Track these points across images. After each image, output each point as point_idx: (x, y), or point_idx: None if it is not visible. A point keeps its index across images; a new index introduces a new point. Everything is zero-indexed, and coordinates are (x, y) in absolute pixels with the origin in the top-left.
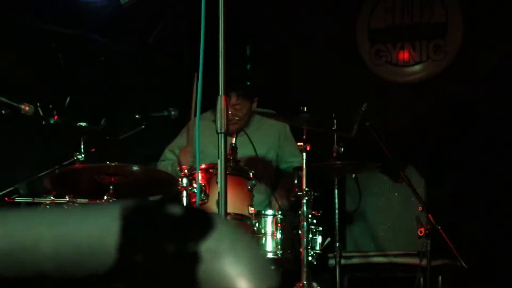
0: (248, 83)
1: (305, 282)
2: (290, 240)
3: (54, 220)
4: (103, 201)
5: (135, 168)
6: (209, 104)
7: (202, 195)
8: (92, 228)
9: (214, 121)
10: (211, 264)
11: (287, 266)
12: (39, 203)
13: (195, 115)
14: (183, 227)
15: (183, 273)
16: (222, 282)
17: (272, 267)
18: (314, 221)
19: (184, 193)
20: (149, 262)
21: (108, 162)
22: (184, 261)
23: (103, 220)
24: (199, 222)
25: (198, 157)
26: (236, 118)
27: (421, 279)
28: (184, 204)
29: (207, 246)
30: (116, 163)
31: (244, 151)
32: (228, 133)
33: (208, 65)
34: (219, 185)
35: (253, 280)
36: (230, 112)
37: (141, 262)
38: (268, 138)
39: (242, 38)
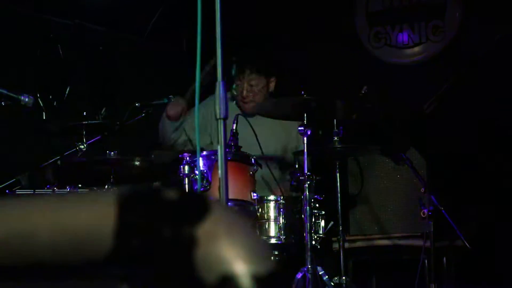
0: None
1: (309, 266)
2: (293, 225)
3: (50, 208)
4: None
5: (136, 162)
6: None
7: (204, 182)
8: (88, 215)
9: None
10: (207, 247)
11: (290, 251)
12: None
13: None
14: (179, 211)
15: (180, 257)
16: (219, 265)
17: (269, 250)
18: (317, 205)
19: (186, 180)
20: (146, 246)
21: (108, 152)
22: (181, 245)
23: (99, 206)
24: (195, 206)
25: (198, 145)
26: (250, 94)
27: (425, 261)
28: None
29: (204, 230)
30: (116, 153)
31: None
32: (246, 113)
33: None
34: (219, 171)
35: (250, 263)
36: (244, 89)
37: (138, 247)
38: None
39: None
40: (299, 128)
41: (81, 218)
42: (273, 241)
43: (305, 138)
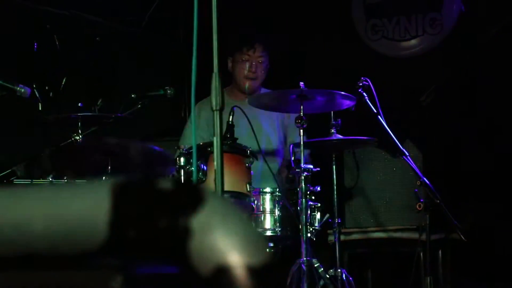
0: None
1: (305, 259)
2: (289, 217)
3: (45, 198)
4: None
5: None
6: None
7: (200, 174)
8: (83, 205)
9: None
10: (202, 238)
11: (286, 243)
12: (38, 185)
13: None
14: (174, 202)
15: (175, 248)
16: (214, 256)
17: (264, 241)
18: (313, 197)
19: (182, 172)
20: (141, 237)
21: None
22: (176, 235)
23: (94, 196)
24: (190, 196)
25: (194, 136)
26: (259, 70)
27: (421, 254)
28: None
29: (198, 220)
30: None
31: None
32: (248, 91)
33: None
34: (215, 163)
35: (245, 253)
36: (253, 64)
37: (133, 238)
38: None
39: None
40: (296, 119)
41: (75, 208)
42: (268, 233)
43: (301, 130)
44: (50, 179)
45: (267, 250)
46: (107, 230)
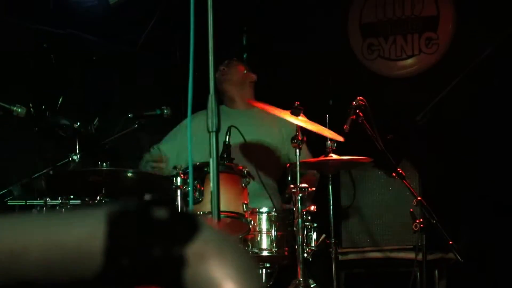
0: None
1: (301, 279)
2: (285, 237)
3: (41, 225)
4: (95, 201)
5: (129, 174)
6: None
7: (197, 194)
8: (78, 233)
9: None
10: (197, 267)
11: (283, 263)
12: (32, 206)
13: None
14: (169, 230)
15: (170, 277)
16: (209, 285)
17: (259, 270)
18: (309, 217)
19: (179, 192)
20: (136, 266)
21: (100, 163)
22: (171, 264)
23: (89, 224)
24: (185, 225)
25: (190, 155)
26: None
27: (417, 274)
28: (178, 203)
29: (193, 249)
30: (108, 166)
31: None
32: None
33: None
34: (211, 183)
35: (240, 282)
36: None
37: (128, 266)
38: (273, 129)
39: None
40: (292, 141)
41: (71, 236)
42: (265, 253)
43: (297, 150)
44: (46, 200)
45: (263, 278)
46: (102, 258)
